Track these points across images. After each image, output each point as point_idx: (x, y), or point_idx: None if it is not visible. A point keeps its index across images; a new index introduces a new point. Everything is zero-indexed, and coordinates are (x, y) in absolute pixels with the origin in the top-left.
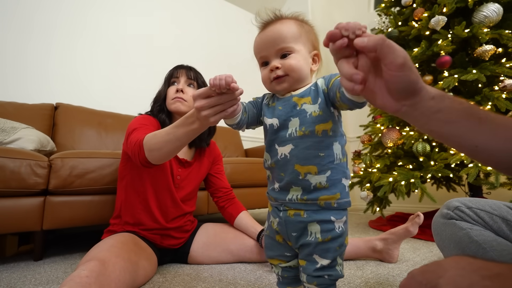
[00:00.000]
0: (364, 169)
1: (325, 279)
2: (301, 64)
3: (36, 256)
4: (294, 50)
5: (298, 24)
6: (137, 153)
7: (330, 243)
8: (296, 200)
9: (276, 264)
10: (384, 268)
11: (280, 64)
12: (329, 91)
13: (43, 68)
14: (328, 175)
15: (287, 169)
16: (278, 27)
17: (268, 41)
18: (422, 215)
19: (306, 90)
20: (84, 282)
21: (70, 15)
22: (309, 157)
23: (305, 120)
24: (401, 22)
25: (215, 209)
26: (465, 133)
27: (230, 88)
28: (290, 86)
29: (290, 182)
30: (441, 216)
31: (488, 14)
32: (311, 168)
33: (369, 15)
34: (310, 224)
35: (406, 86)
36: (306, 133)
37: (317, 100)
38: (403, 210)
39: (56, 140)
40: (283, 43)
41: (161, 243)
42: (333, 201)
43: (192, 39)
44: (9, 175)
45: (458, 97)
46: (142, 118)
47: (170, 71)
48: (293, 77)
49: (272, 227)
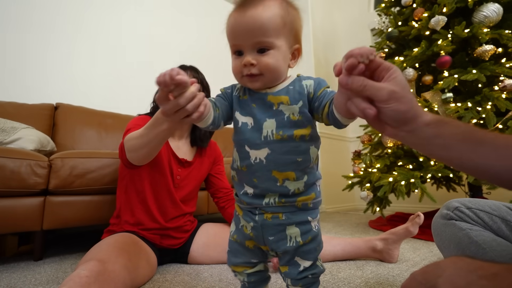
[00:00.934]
0: (364, 169)
1: (309, 278)
2: (279, 63)
3: (36, 256)
4: (274, 46)
5: (284, 9)
6: (120, 154)
7: (311, 244)
8: (273, 204)
9: (241, 271)
10: (384, 268)
11: (255, 60)
12: (315, 100)
13: (43, 68)
14: (305, 180)
15: (262, 175)
16: (259, 13)
17: (245, 30)
18: (422, 215)
19: (283, 88)
20: (84, 282)
21: (70, 15)
22: (288, 163)
23: (283, 123)
24: (401, 22)
25: (215, 209)
26: (465, 155)
27: (176, 82)
28: (263, 86)
29: (266, 189)
30: (441, 217)
31: (488, 14)
32: (289, 174)
33: (369, 15)
34: (288, 227)
35: (396, 116)
36: (284, 138)
37: (297, 102)
38: (403, 210)
39: (56, 140)
40: (263, 36)
41: (161, 243)
42: (309, 201)
43: (192, 38)
44: (9, 175)
45: (456, 120)
46: (139, 119)
47: None
48: (268, 77)
49: (244, 232)
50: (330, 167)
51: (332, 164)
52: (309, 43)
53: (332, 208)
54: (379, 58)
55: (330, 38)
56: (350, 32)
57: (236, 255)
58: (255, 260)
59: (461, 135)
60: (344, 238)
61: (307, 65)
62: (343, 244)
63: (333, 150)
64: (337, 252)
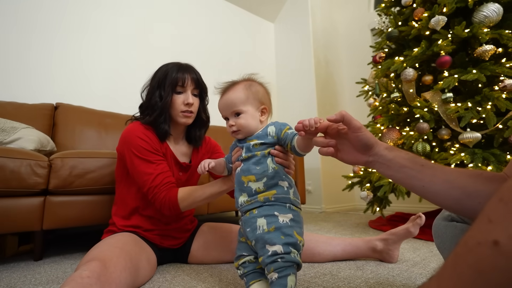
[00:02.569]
0: (364, 169)
1: (279, 262)
2: (249, 122)
3: (36, 256)
4: (242, 111)
5: (246, 88)
6: (167, 209)
7: (274, 232)
8: (244, 203)
9: (237, 265)
10: (384, 268)
11: (234, 122)
12: (281, 140)
13: (43, 68)
14: (263, 182)
15: (238, 179)
16: (230, 95)
17: (224, 106)
18: (423, 216)
19: (255, 135)
20: (86, 283)
21: (71, 15)
22: (249, 170)
23: (249, 149)
24: (401, 22)
25: (215, 209)
26: (414, 176)
27: None
28: (244, 136)
29: (240, 189)
30: (442, 219)
31: (488, 14)
32: (250, 178)
33: (369, 15)
34: (259, 219)
35: (366, 141)
36: (249, 156)
37: (260, 139)
38: (403, 210)
39: (56, 140)
40: (235, 107)
41: (161, 243)
42: (270, 196)
43: (192, 39)
44: (9, 175)
45: (402, 150)
46: (145, 142)
47: (176, 75)
48: (243, 131)
49: (241, 231)
50: (330, 167)
51: (332, 164)
52: (309, 43)
53: (332, 208)
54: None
55: (330, 38)
56: (350, 32)
57: (237, 250)
58: (245, 253)
59: (409, 159)
60: (344, 238)
61: (307, 65)
62: (343, 244)
63: None
64: (337, 252)
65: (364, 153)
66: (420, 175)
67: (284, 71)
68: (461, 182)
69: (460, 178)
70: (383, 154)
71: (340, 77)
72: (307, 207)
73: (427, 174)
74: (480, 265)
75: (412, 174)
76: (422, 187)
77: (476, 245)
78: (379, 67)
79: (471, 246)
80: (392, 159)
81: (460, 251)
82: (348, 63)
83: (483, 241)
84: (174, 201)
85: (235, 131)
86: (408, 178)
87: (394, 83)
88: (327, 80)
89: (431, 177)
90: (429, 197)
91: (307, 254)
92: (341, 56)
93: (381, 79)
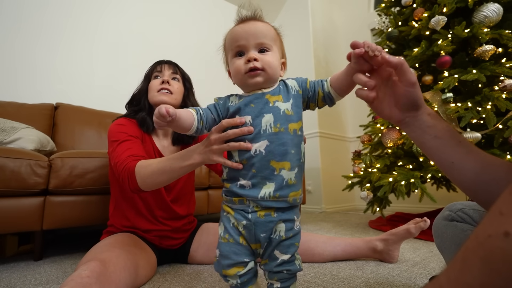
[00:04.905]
0: (364, 169)
1: (284, 274)
2: (277, 64)
3: (36, 256)
4: (272, 49)
5: (275, 30)
6: (126, 180)
7: (292, 239)
8: (268, 198)
9: (233, 274)
10: (384, 268)
11: (258, 56)
12: (308, 92)
13: (43, 68)
14: (296, 172)
15: (261, 165)
16: (261, 25)
17: (250, 33)
18: (428, 220)
19: (276, 88)
20: (85, 283)
21: (71, 16)
22: (284, 153)
23: (279, 117)
24: (401, 22)
25: (215, 209)
26: (447, 149)
27: None
28: (263, 82)
29: (265, 177)
30: (442, 218)
31: (488, 14)
32: (285, 164)
33: (369, 15)
34: (277, 223)
35: (414, 100)
36: (281, 130)
37: (289, 100)
38: (403, 210)
39: (56, 140)
40: (265, 38)
41: (160, 244)
42: (297, 197)
43: (193, 39)
44: (9, 175)
45: (443, 121)
46: (121, 126)
47: (151, 66)
48: (268, 73)
49: (237, 229)
50: (330, 167)
51: (332, 164)
52: (309, 43)
53: (332, 208)
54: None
55: (330, 38)
56: (350, 32)
57: (229, 256)
58: (247, 259)
59: (449, 131)
60: (344, 239)
61: (307, 65)
62: (343, 244)
63: (333, 150)
64: (337, 252)
65: (405, 111)
66: (453, 150)
67: None
68: (494, 168)
69: (494, 163)
70: (423, 119)
71: None
72: (307, 207)
73: (461, 151)
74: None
75: (445, 147)
76: (451, 163)
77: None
78: None
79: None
80: (431, 126)
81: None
82: (348, 63)
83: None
84: (131, 170)
85: (257, 69)
86: (440, 150)
87: None
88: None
89: (464, 154)
90: (455, 174)
91: (307, 254)
92: (341, 56)
93: None
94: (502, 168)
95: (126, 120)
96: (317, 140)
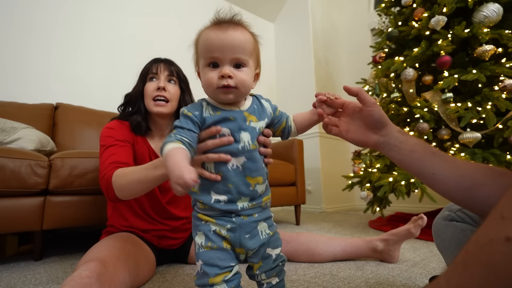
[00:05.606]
0: (364, 169)
1: (280, 265)
2: (250, 81)
3: (36, 256)
4: (248, 64)
5: (253, 38)
6: (105, 189)
7: (276, 233)
8: (247, 207)
9: (219, 281)
10: (384, 268)
11: (233, 73)
12: (274, 118)
13: (43, 68)
14: (266, 183)
15: (237, 180)
16: (239, 34)
17: (227, 45)
18: (425, 217)
19: (251, 107)
20: (85, 283)
21: (71, 16)
22: (258, 169)
23: (255, 134)
24: (401, 22)
25: None
26: (424, 161)
27: None
28: (234, 99)
29: (240, 193)
30: (442, 218)
31: (488, 14)
32: (259, 179)
33: (369, 15)
34: (259, 223)
35: (378, 117)
36: (256, 147)
37: (263, 119)
38: (403, 210)
39: (56, 140)
40: (241, 53)
41: (159, 244)
42: (268, 200)
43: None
44: (9, 175)
45: (413, 136)
46: (110, 129)
47: (147, 65)
48: (241, 91)
49: (219, 235)
50: (330, 167)
51: (332, 164)
52: (309, 43)
53: (332, 208)
54: None
55: (330, 38)
56: (350, 32)
57: (215, 263)
58: (233, 263)
59: (420, 144)
60: (344, 239)
61: (307, 66)
62: (344, 244)
63: (333, 150)
64: (337, 252)
65: (376, 132)
66: (431, 162)
67: (284, 71)
68: (471, 173)
69: (470, 169)
70: (395, 136)
71: (340, 77)
72: (307, 207)
73: (438, 162)
74: (492, 262)
75: (423, 160)
76: (431, 174)
77: (488, 242)
78: (379, 67)
79: (482, 243)
80: (403, 141)
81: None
82: (348, 63)
83: (495, 238)
84: (109, 180)
85: (230, 87)
86: (418, 163)
87: (394, 83)
88: (327, 80)
89: (441, 164)
90: (437, 185)
91: (307, 254)
92: (341, 56)
93: (381, 79)
94: (479, 172)
95: (117, 123)
96: (317, 140)
